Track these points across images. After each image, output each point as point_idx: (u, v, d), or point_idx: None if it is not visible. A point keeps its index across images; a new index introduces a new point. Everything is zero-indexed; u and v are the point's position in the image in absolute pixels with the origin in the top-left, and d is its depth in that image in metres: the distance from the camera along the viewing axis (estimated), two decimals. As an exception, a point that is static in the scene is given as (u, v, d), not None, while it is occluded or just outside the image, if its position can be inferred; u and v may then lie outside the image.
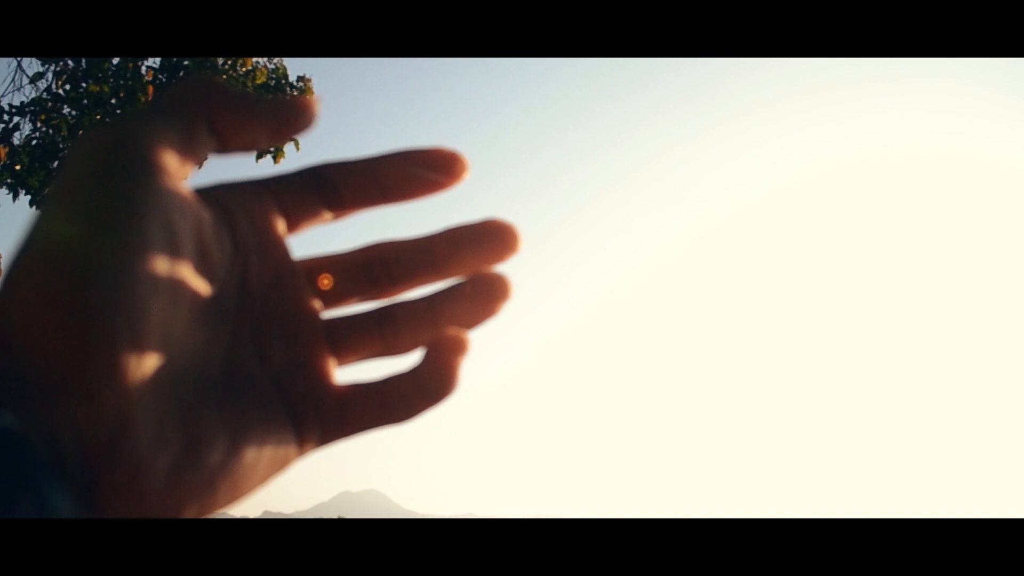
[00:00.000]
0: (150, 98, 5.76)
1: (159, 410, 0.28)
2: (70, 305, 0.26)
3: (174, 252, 0.29)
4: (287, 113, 0.33)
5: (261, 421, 0.32)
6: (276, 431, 0.32)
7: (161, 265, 0.28)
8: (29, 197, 5.58)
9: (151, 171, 0.29)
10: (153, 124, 0.30)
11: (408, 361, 0.36)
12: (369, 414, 0.34)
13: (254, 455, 0.31)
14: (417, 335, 0.36)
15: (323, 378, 0.34)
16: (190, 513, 0.29)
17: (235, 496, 0.31)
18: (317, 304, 0.35)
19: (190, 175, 0.31)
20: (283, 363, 0.34)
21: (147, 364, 0.28)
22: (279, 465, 0.33)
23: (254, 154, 0.35)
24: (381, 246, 0.36)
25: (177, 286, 0.29)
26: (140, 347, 0.27)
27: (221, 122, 0.32)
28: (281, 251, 0.34)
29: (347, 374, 0.36)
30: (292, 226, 0.35)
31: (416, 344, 0.36)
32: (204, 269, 0.31)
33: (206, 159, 0.32)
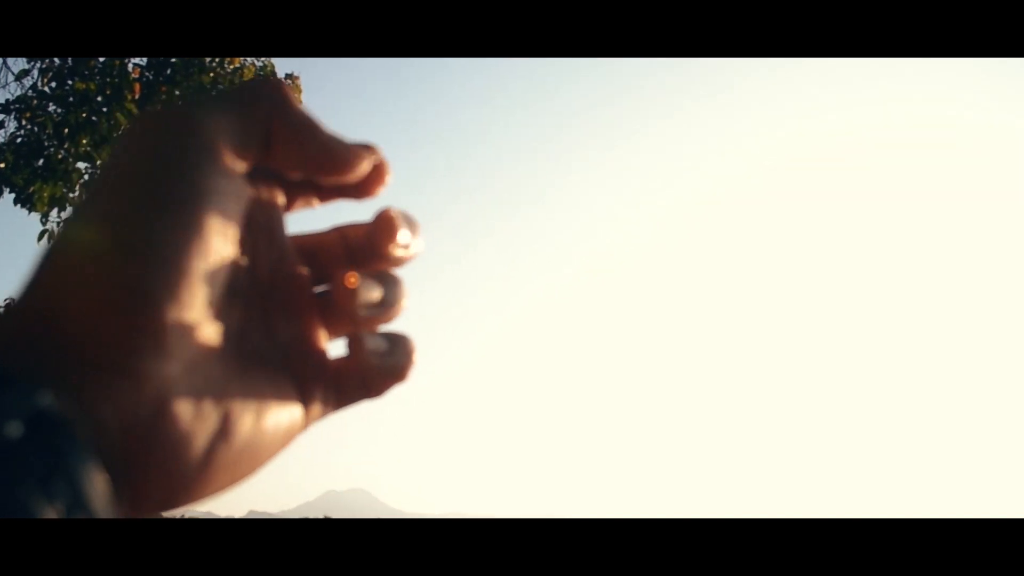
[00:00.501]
0: (137, 95, 5.73)
1: (196, 388, 0.29)
2: (124, 282, 0.27)
3: (225, 236, 0.30)
4: (341, 156, 0.34)
5: (275, 395, 0.33)
6: (288, 404, 0.33)
7: (214, 249, 0.29)
8: (13, 196, 5.54)
9: (210, 156, 0.30)
10: (215, 113, 0.31)
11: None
12: (356, 388, 0.36)
13: (273, 428, 0.32)
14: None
15: (323, 353, 0.36)
16: (218, 487, 0.30)
17: (254, 468, 0.32)
18: (310, 282, 0.36)
19: (243, 168, 0.32)
20: (288, 339, 0.35)
21: (190, 343, 0.28)
22: (290, 437, 0.33)
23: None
24: (348, 228, 0.37)
25: (222, 269, 0.30)
26: (186, 327, 0.28)
27: (277, 134, 0.33)
28: (283, 230, 0.35)
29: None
30: (287, 207, 0.36)
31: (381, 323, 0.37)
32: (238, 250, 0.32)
33: (253, 162, 0.33)
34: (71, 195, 5.59)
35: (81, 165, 5.66)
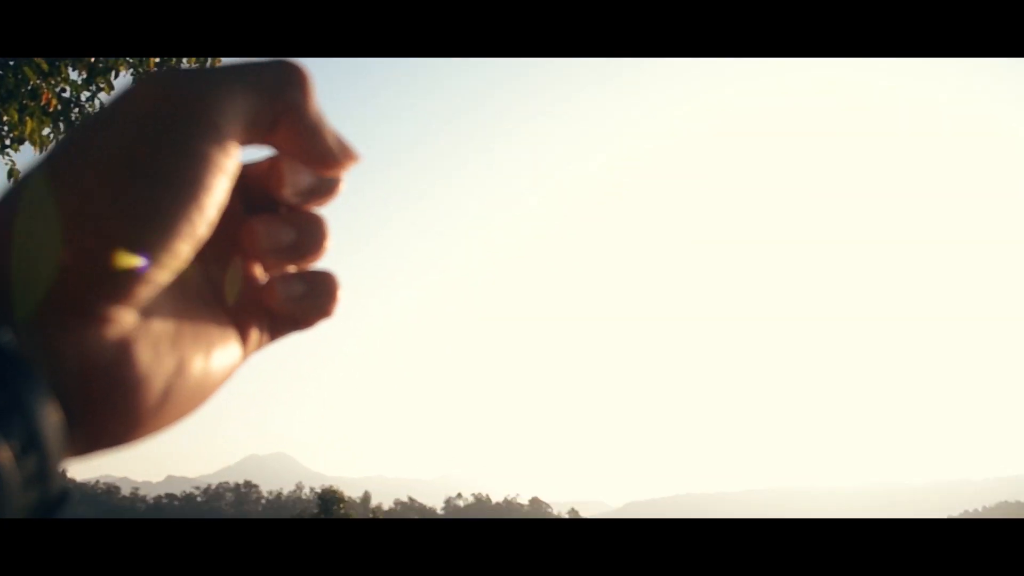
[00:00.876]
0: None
1: (154, 330, 0.30)
2: (105, 235, 0.27)
3: (214, 207, 0.30)
4: (336, 160, 0.35)
5: (218, 332, 0.34)
6: (229, 342, 0.34)
7: (201, 219, 0.30)
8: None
9: (214, 133, 0.30)
10: (229, 92, 0.31)
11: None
12: (287, 323, 0.37)
13: (219, 365, 0.33)
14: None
15: (256, 290, 0.36)
16: (169, 421, 0.31)
17: (200, 403, 0.33)
18: (241, 218, 0.36)
19: (242, 146, 0.32)
20: (223, 275, 0.35)
21: (152, 290, 0.29)
22: (231, 371, 0.35)
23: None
24: (279, 159, 0.36)
25: (200, 234, 0.30)
26: (154, 278, 0.29)
27: (287, 126, 0.33)
28: None
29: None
30: None
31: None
32: None
33: (253, 142, 0.33)
34: (-23, 152, 5.32)
35: (-13, 121, 5.39)
